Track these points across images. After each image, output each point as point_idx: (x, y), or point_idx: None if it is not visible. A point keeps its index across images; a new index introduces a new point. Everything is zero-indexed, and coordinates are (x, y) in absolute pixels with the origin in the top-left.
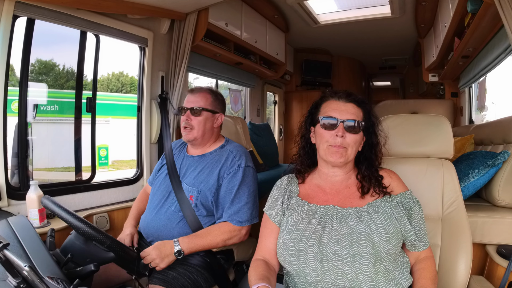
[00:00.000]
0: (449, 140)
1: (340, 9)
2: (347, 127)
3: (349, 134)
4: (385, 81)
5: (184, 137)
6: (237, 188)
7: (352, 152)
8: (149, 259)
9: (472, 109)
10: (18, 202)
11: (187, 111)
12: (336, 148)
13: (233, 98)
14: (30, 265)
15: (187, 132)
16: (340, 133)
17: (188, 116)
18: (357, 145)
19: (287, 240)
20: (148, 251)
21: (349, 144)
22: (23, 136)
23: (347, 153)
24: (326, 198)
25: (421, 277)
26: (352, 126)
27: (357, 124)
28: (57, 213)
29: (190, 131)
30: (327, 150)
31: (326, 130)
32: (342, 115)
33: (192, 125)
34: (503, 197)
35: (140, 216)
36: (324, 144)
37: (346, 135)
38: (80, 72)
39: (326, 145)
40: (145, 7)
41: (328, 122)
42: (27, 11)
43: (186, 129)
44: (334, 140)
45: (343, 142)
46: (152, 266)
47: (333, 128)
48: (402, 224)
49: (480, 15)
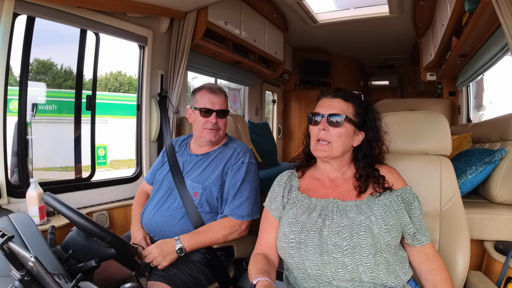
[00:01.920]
0: (447, 137)
1: (339, 8)
2: (330, 121)
3: (332, 128)
4: (383, 80)
5: (211, 138)
6: (240, 183)
7: (338, 146)
8: (151, 257)
9: (470, 108)
10: (18, 200)
11: (213, 113)
12: (320, 144)
13: (232, 97)
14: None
15: (214, 133)
16: (322, 126)
17: (216, 118)
18: (342, 139)
19: (288, 232)
20: (150, 249)
21: (332, 138)
22: (23, 135)
23: (332, 148)
24: (326, 192)
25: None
26: (334, 120)
27: (340, 118)
28: (58, 209)
29: (217, 133)
30: (314, 146)
31: (312, 125)
32: (326, 110)
33: (220, 127)
34: (500, 193)
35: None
36: (313, 139)
37: (328, 129)
38: (80, 70)
39: (314, 141)
40: (144, 5)
41: (314, 118)
42: (27, 9)
43: (212, 130)
44: (318, 134)
45: (326, 136)
46: (154, 265)
47: (317, 124)
48: (401, 217)
49: (477, 14)
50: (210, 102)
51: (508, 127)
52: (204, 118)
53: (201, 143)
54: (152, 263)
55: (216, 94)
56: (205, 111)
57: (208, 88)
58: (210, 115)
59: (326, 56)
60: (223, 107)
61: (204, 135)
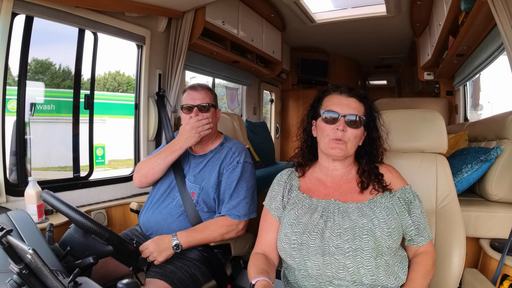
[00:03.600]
0: (443, 135)
1: (336, 8)
2: (348, 122)
3: (350, 129)
4: (381, 80)
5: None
6: (236, 183)
7: (352, 146)
8: (147, 252)
9: (467, 107)
10: (17, 198)
11: (194, 108)
12: (337, 142)
13: (230, 96)
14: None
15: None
16: (341, 127)
17: (197, 113)
18: (357, 140)
19: (289, 234)
20: (146, 245)
21: (349, 138)
22: (21, 134)
23: (347, 147)
24: (327, 192)
25: (412, 270)
26: (353, 121)
27: (358, 119)
28: (56, 207)
29: None
30: (328, 144)
31: (327, 124)
32: (343, 110)
33: None
34: (496, 191)
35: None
36: (326, 137)
37: (347, 129)
38: (78, 70)
39: (328, 139)
40: (142, 5)
41: (330, 116)
42: (26, 9)
43: None
44: (335, 134)
45: (344, 136)
46: (151, 260)
47: (334, 122)
48: (403, 220)
49: (473, 13)
50: (191, 99)
51: (503, 125)
52: (186, 115)
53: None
54: (149, 259)
55: (197, 90)
56: (187, 108)
57: (189, 87)
58: (192, 111)
59: (324, 56)
60: (204, 101)
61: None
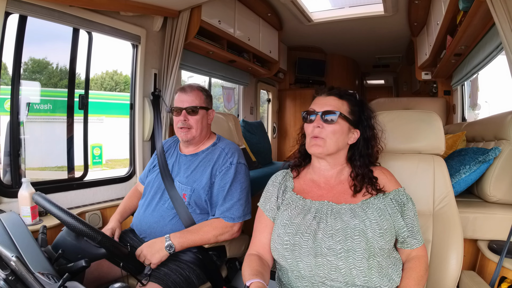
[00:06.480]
0: (440, 136)
1: (334, 7)
2: (324, 118)
3: (327, 125)
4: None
5: (182, 137)
6: (230, 185)
7: (332, 143)
8: (142, 256)
9: (465, 107)
10: (10, 199)
11: (183, 111)
12: (314, 140)
13: (226, 96)
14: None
15: (185, 132)
16: (316, 124)
17: (185, 116)
18: (337, 136)
19: (282, 234)
20: (141, 248)
21: (327, 135)
22: (16, 135)
23: (326, 144)
24: (320, 193)
25: (405, 277)
26: (328, 117)
27: (334, 115)
28: (47, 209)
29: (188, 131)
30: (309, 142)
31: (307, 123)
32: (320, 108)
33: (190, 125)
34: (494, 193)
35: (126, 211)
36: (308, 137)
37: (323, 126)
38: (72, 70)
39: (309, 138)
40: (137, 4)
41: (307, 115)
42: (19, 8)
43: (183, 129)
44: (313, 131)
45: (321, 133)
46: (146, 264)
47: (313, 121)
48: (395, 221)
49: (471, 13)
50: (180, 101)
51: (502, 126)
52: (176, 117)
53: (183, 143)
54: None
55: (186, 92)
56: (175, 110)
57: (180, 89)
58: (180, 114)
59: (321, 55)
60: (193, 103)
61: (178, 134)
